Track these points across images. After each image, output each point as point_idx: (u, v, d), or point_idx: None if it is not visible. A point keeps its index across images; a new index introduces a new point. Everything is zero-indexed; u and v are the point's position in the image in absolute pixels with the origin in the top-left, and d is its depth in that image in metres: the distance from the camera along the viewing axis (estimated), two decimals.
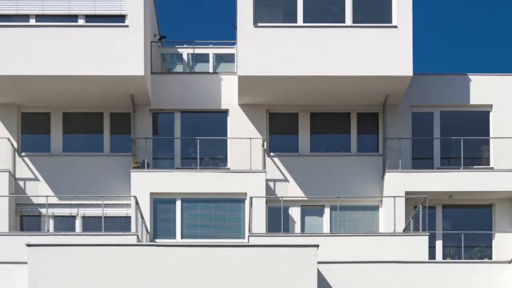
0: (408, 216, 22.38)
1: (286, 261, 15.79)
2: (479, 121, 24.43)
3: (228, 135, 24.10)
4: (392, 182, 22.85)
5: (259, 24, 21.93)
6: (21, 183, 23.28)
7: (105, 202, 21.80)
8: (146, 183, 22.61)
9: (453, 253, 23.09)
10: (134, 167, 22.95)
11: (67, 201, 22.89)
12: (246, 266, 15.74)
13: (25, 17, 21.91)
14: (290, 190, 23.59)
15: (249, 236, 20.81)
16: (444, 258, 22.90)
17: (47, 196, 21.94)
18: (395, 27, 21.87)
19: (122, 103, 23.50)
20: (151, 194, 22.57)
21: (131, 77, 21.92)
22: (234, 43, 25.46)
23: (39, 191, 23.20)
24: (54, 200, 22.76)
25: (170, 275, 15.60)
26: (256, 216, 22.32)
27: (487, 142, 24.18)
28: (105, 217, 21.66)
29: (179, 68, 26.71)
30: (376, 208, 23.33)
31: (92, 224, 22.69)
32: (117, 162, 23.54)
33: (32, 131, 24.18)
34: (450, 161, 24.10)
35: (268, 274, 15.65)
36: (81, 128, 24.32)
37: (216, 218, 22.93)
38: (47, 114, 24.10)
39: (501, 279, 16.91)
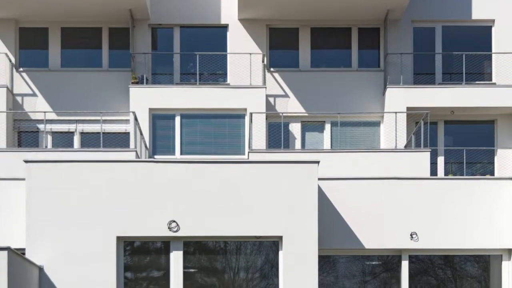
0: (409, 132, 21.81)
1: (286, 178, 15.13)
2: (481, 36, 23.81)
3: (228, 50, 23.33)
4: (393, 97, 22.23)
5: None
6: (18, 98, 22.65)
7: (103, 117, 21.12)
8: (145, 99, 21.93)
9: (455, 169, 22.69)
10: (133, 83, 22.28)
11: (65, 117, 22.29)
12: (245, 182, 15.11)
13: None
14: (291, 105, 22.97)
15: (249, 152, 20.23)
16: (446, 174, 22.52)
17: (45, 112, 21.23)
18: None
19: (121, 17, 22.68)
20: (150, 109, 21.95)
21: None
22: None
23: (37, 106, 22.56)
24: (52, 116, 22.20)
25: (169, 191, 14.95)
26: (256, 132, 21.73)
27: (489, 58, 23.54)
28: (103, 133, 20.96)
29: None
30: (377, 124, 22.78)
31: (90, 140, 22.11)
32: (116, 77, 22.87)
33: (30, 46, 23.46)
34: (452, 77, 23.50)
35: (268, 191, 15.02)
36: (79, 43, 23.60)
37: (215, 134, 22.40)
38: (45, 29, 23.34)
39: (503, 196, 16.26)
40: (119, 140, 22.11)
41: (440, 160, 22.77)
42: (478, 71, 23.44)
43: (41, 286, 14.37)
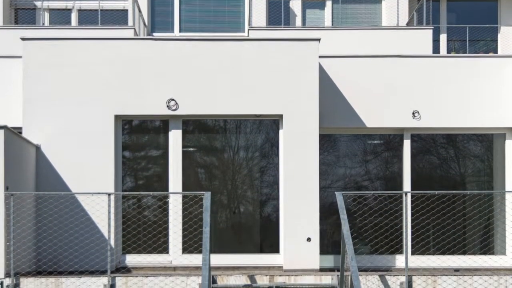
0: (411, 9, 20.43)
1: (287, 56, 14.26)
2: None
3: None
4: None
5: None
6: None
7: None
8: None
9: (457, 47, 21.65)
10: None
11: None
12: (245, 60, 14.23)
13: None
14: None
15: (248, 30, 19.11)
16: (448, 52, 21.43)
17: None
18: None
19: None
20: None
21: None
22: None
23: None
24: None
25: (168, 69, 14.12)
26: (256, 9, 20.41)
27: None
28: (101, 10, 19.62)
29: None
30: (378, 1, 21.29)
31: (88, 18, 20.70)
32: None
33: None
34: None
35: (268, 69, 14.17)
36: None
37: (215, 11, 21.03)
38: None
39: (506, 73, 15.32)
40: (117, 18, 20.66)
41: (443, 38, 21.58)
42: None
43: (38, 165, 13.70)
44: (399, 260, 14.49)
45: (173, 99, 14.04)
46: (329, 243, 15.10)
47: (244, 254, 14.15)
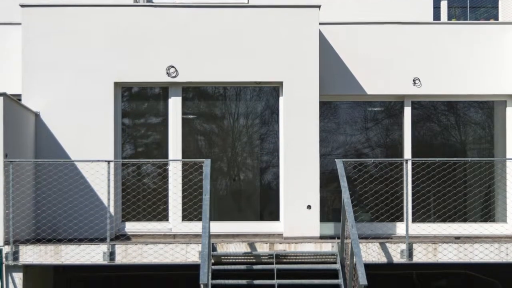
0: None
1: (287, 22, 14.03)
2: None
3: None
4: None
5: None
6: None
7: None
8: None
9: (458, 13, 21.21)
10: None
11: None
12: (245, 27, 13.98)
13: None
14: None
15: None
16: (449, 19, 20.97)
17: None
18: None
19: None
20: None
21: None
22: None
23: None
24: None
25: (168, 36, 13.87)
26: None
27: None
28: None
29: None
30: None
31: None
32: None
33: None
34: None
35: (268, 36, 13.93)
36: None
37: None
38: None
39: (507, 40, 14.99)
40: None
41: (443, 4, 21.09)
42: None
43: (37, 132, 13.44)
44: (400, 228, 14.23)
45: (172, 66, 13.78)
46: (330, 210, 14.91)
47: (244, 222, 13.93)
